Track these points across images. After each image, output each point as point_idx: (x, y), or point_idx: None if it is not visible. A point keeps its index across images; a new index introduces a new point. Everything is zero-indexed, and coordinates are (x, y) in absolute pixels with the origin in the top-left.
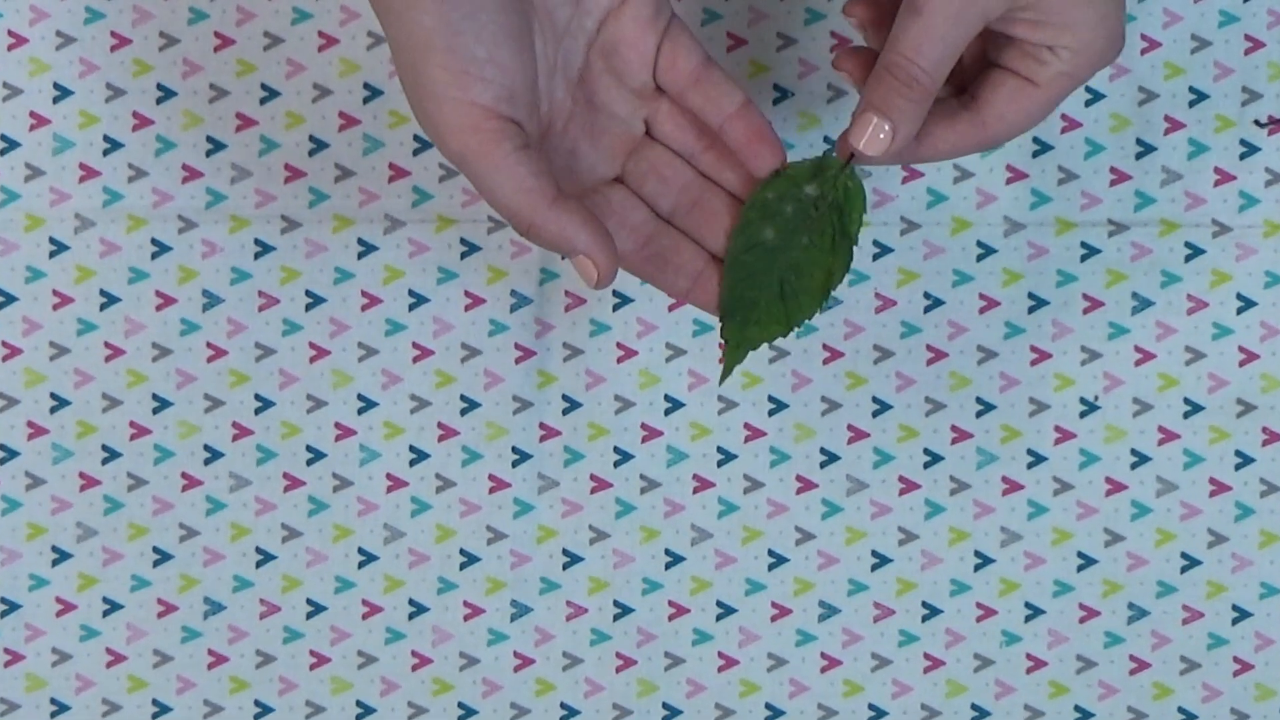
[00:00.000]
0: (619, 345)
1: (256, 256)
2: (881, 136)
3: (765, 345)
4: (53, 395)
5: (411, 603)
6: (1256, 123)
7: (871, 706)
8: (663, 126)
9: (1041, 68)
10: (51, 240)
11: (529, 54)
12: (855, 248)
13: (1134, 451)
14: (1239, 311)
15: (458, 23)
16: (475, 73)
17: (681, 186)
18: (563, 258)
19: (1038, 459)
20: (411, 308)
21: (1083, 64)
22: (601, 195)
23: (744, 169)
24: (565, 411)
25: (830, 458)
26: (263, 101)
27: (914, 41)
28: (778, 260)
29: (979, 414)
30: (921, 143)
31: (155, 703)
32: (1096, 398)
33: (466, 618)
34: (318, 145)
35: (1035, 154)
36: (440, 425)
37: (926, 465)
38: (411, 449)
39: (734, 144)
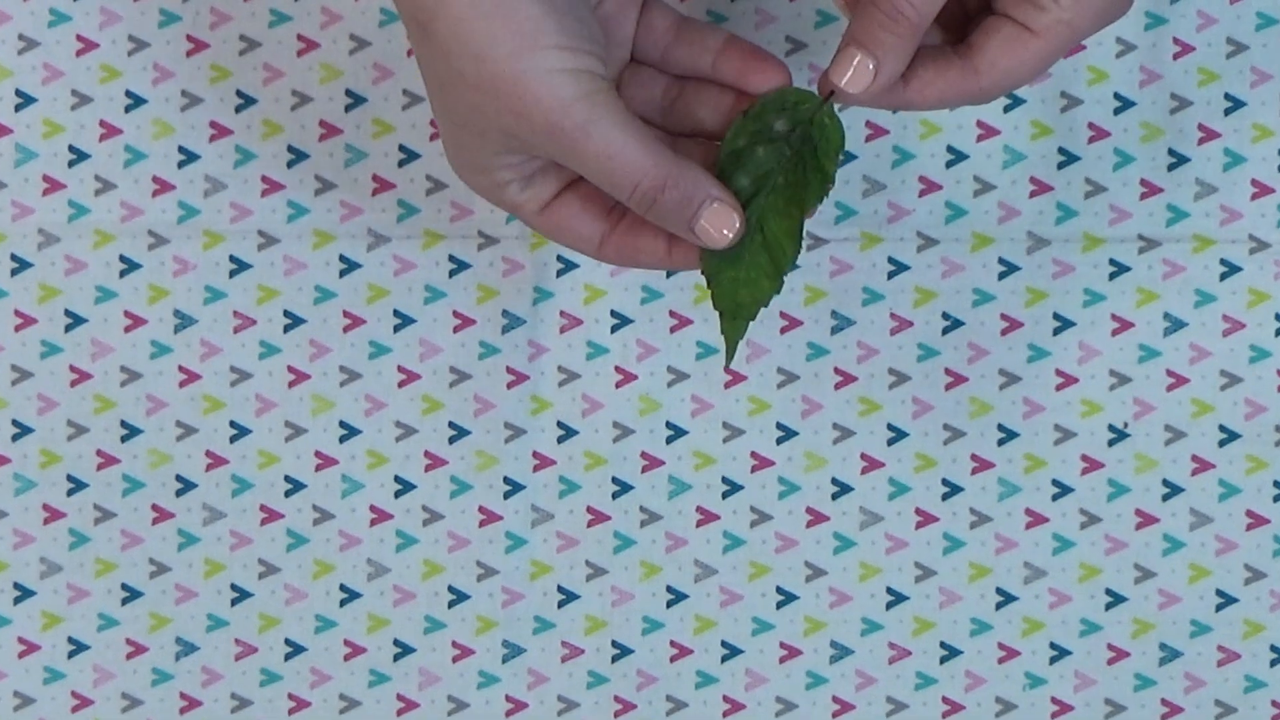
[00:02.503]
0: (617, 369)
1: (232, 274)
2: (865, 73)
3: (776, 370)
4: (14, 422)
5: (396, 643)
6: None
7: None
8: (627, 90)
9: (1040, 14)
10: (13, 257)
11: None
12: (829, 184)
13: (1166, 482)
14: (1278, 333)
15: (561, 2)
16: (581, 44)
17: None
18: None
19: (1064, 490)
20: (397, 329)
21: (1084, 14)
22: None
23: (714, 107)
24: (560, 439)
25: (842, 489)
26: (238, 109)
27: None
28: (755, 207)
29: (1001, 442)
30: (909, 86)
31: None
32: (1126, 425)
33: (455, 659)
34: (297, 156)
35: (1061, 165)
36: (427, 454)
37: (945, 497)
38: (397, 479)
39: (731, 76)
